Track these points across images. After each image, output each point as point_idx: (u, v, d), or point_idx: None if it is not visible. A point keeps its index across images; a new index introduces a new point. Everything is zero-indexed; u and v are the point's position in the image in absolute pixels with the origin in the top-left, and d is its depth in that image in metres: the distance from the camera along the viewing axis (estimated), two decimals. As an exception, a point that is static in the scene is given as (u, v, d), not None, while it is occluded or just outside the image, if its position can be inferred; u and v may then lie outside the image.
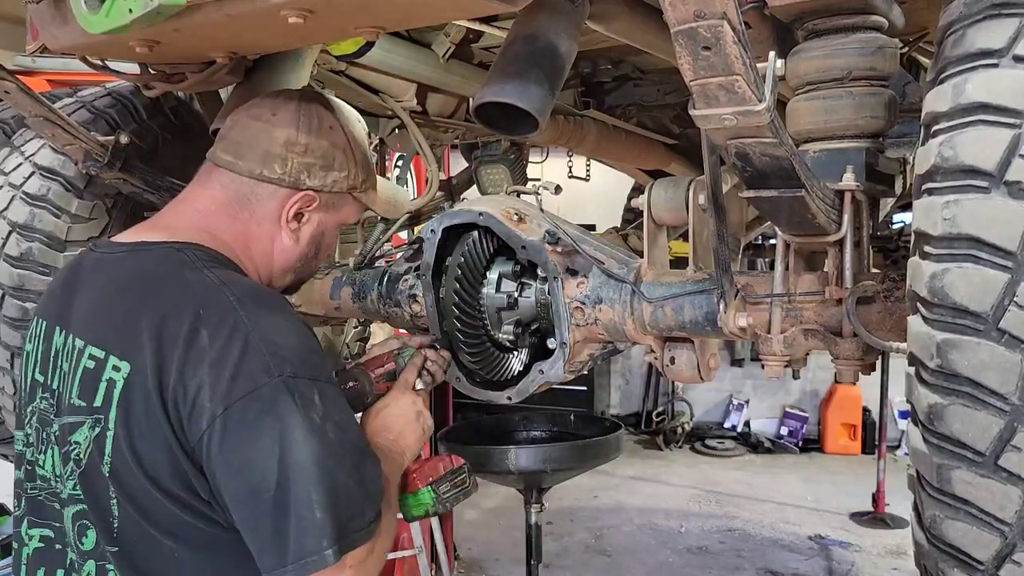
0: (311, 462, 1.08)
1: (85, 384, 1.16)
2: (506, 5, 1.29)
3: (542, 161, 3.81)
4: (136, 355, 1.12)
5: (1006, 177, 1.06)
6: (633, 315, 1.67)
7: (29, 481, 1.29)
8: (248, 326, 1.11)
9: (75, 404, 1.17)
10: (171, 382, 1.09)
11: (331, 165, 1.35)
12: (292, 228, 1.34)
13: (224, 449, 1.07)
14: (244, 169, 1.31)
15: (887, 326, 1.50)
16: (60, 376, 1.22)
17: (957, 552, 1.13)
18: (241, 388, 1.07)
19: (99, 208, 2.24)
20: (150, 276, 1.20)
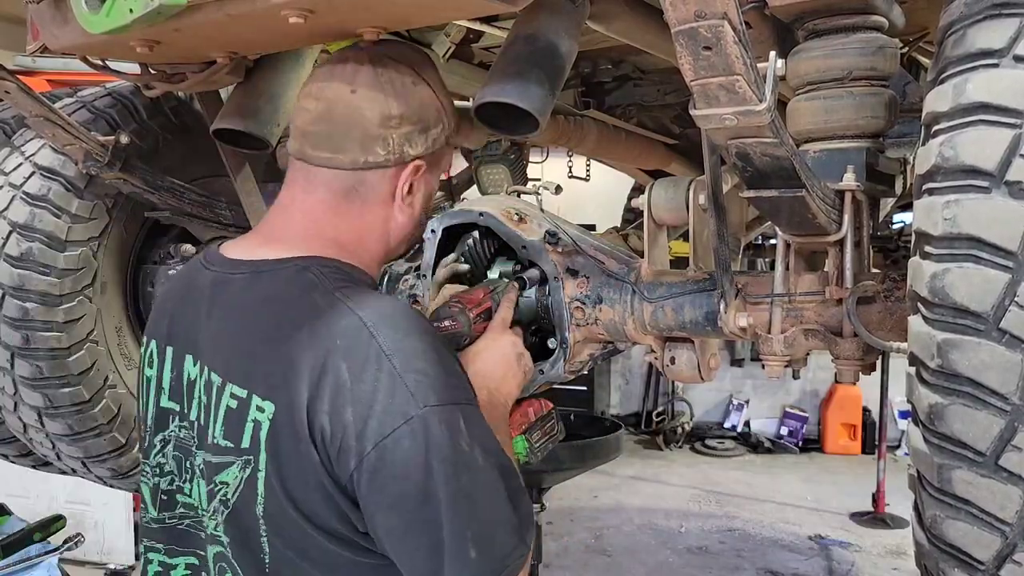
0: (464, 496, 1.04)
1: (230, 424, 1.12)
2: (506, 5, 1.28)
3: (542, 161, 3.81)
4: (279, 394, 1.07)
5: (1007, 177, 1.06)
6: (633, 315, 1.67)
7: (167, 510, 1.24)
8: (387, 356, 1.06)
9: (220, 444, 1.13)
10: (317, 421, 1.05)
11: (428, 126, 1.25)
12: (407, 203, 1.26)
13: (374, 488, 1.03)
14: (346, 162, 1.21)
15: (887, 326, 1.50)
16: (199, 407, 1.17)
17: (958, 552, 1.13)
18: (387, 425, 1.03)
19: (99, 208, 2.24)
20: (282, 304, 1.13)
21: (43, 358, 2.20)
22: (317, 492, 1.06)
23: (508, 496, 1.09)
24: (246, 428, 1.09)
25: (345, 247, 1.23)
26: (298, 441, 1.05)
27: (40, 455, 2.55)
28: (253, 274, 1.19)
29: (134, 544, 5.12)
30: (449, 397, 1.07)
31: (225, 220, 2.39)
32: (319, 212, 1.23)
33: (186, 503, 1.21)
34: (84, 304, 2.25)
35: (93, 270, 2.27)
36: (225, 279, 1.22)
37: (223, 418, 1.12)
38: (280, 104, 1.89)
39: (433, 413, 1.04)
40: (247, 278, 1.19)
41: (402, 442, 1.02)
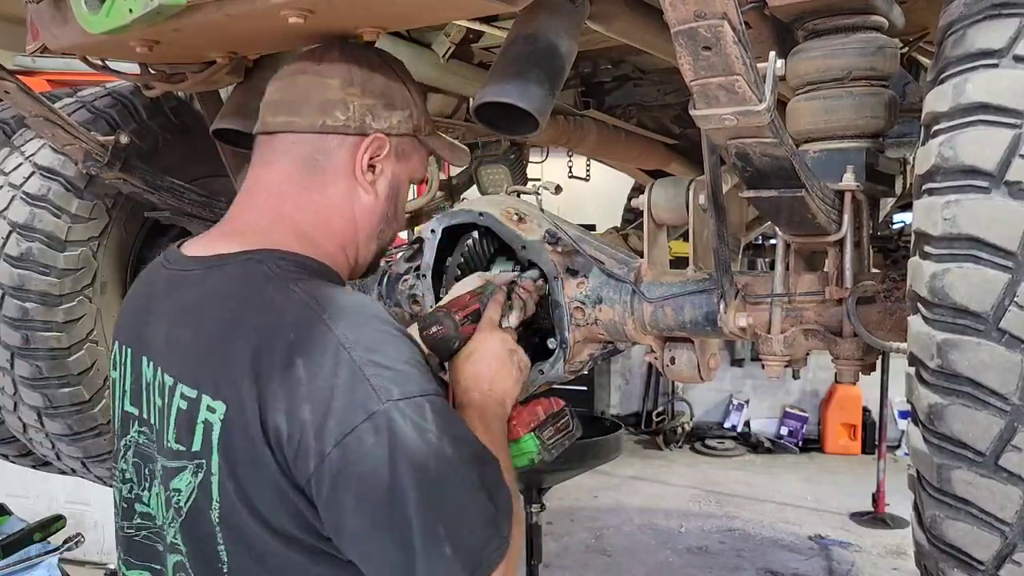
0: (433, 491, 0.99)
1: (181, 426, 1.07)
2: (506, 5, 1.29)
3: (542, 161, 3.81)
4: (231, 393, 1.02)
5: (1006, 177, 1.06)
6: (633, 315, 1.67)
7: (126, 520, 1.20)
8: (345, 349, 1.00)
9: (173, 448, 1.08)
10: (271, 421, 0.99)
11: (393, 104, 1.23)
12: (368, 180, 1.21)
13: (337, 490, 0.98)
14: (304, 124, 1.18)
15: (887, 326, 1.50)
16: (154, 411, 1.13)
17: (957, 552, 1.13)
18: (347, 422, 0.97)
19: (99, 208, 2.24)
20: (233, 299, 1.08)
21: (43, 358, 2.20)
22: (273, 495, 1.01)
23: (482, 486, 1.04)
24: (196, 430, 1.04)
25: (308, 236, 1.18)
26: (251, 442, 1.00)
27: (40, 455, 2.55)
28: (205, 270, 1.14)
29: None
30: (413, 389, 1.02)
31: (225, 220, 2.39)
32: (281, 187, 1.19)
33: (143, 512, 1.17)
34: (84, 304, 2.25)
35: (93, 270, 2.27)
36: (179, 277, 1.18)
37: (175, 420, 1.08)
38: (280, 104, 1.89)
39: (396, 407, 0.99)
40: (199, 275, 1.14)
41: (365, 439, 0.97)
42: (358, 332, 1.03)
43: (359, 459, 0.97)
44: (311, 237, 1.18)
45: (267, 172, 1.21)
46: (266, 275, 1.09)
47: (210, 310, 1.10)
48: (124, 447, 1.20)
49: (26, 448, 2.58)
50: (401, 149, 1.27)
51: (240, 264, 1.11)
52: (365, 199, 1.23)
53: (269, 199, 1.20)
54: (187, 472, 1.06)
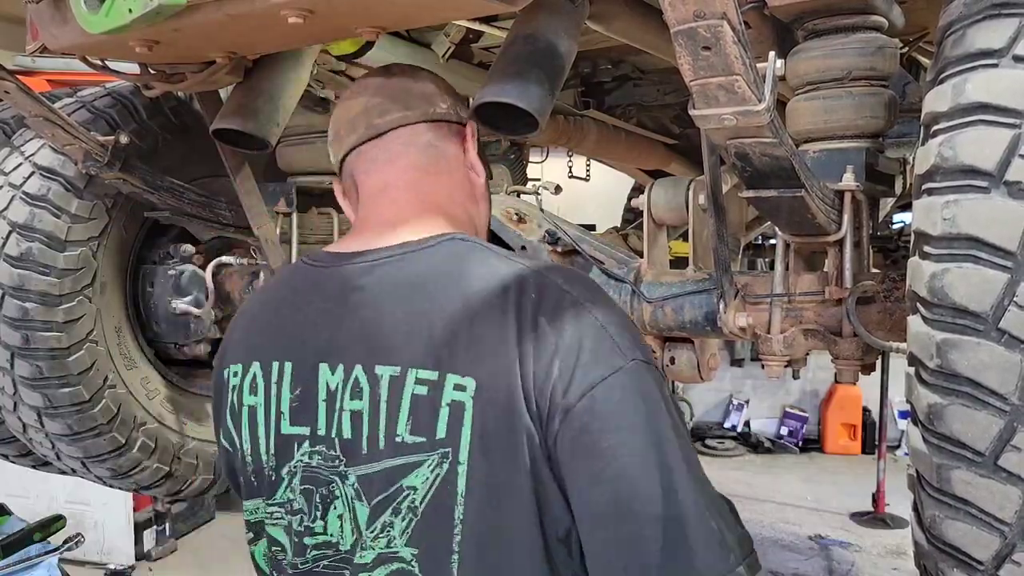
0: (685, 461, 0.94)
1: (418, 415, 0.98)
2: (506, 5, 1.28)
3: (542, 161, 3.82)
4: (476, 367, 0.96)
5: (1006, 177, 1.06)
6: (633, 315, 1.67)
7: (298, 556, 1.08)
8: (587, 309, 0.98)
9: (403, 443, 0.98)
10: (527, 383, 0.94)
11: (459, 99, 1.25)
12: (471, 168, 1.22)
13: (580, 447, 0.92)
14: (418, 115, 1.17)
15: (887, 326, 1.50)
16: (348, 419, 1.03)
17: (957, 552, 1.13)
18: (595, 375, 0.93)
19: (99, 208, 2.24)
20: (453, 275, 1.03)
21: (43, 358, 2.20)
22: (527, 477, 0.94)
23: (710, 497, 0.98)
24: (440, 415, 0.96)
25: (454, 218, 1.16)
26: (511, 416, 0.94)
27: (40, 455, 2.55)
28: (401, 255, 1.07)
29: (134, 544, 5.13)
30: (647, 356, 0.99)
31: (225, 220, 2.39)
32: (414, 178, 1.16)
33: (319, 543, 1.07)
34: (84, 304, 2.25)
35: (93, 270, 2.27)
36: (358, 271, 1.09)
37: (407, 411, 0.98)
38: (280, 104, 1.89)
39: (639, 366, 0.96)
40: (396, 260, 1.07)
41: (614, 391, 0.93)
42: (592, 295, 1.01)
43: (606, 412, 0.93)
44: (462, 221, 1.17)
45: (393, 168, 1.16)
46: (476, 250, 1.07)
47: (434, 291, 1.03)
48: (288, 475, 1.08)
49: (26, 448, 2.58)
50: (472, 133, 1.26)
51: (439, 245, 1.07)
52: (478, 180, 1.23)
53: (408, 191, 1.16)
54: (425, 466, 0.97)
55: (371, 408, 1.01)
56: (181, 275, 2.43)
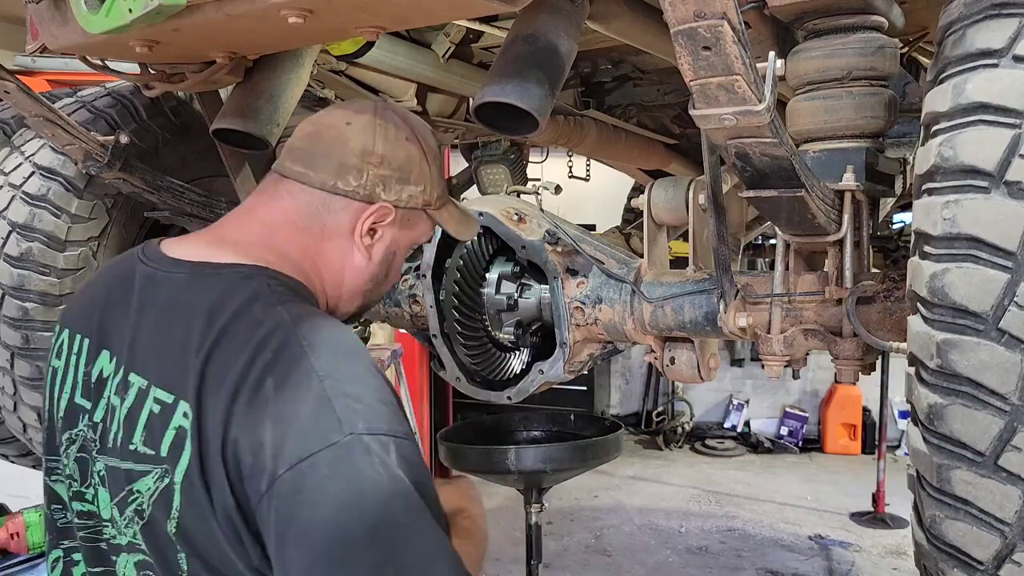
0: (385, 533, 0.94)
1: (152, 430, 1.04)
2: (506, 5, 1.29)
3: (542, 161, 3.81)
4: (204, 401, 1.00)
5: (1006, 177, 1.06)
6: (633, 315, 1.67)
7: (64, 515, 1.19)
8: (317, 376, 0.98)
9: (140, 451, 1.05)
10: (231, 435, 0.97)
11: (407, 178, 1.24)
12: (365, 244, 1.23)
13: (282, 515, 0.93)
14: (316, 181, 1.20)
15: (887, 326, 1.50)
16: (107, 409, 1.11)
17: (957, 552, 1.13)
18: (305, 448, 0.94)
19: (99, 208, 2.24)
20: (219, 311, 1.06)
21: (43, 358, 2.20)
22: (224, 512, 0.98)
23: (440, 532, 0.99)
24: (167, 435, 1.02)
25: (298, 265, 1.18)
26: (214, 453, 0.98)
27: (40, 455, 2.55)
28: (193, 275, 1.12)
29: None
30: (380, 426, 0.99)
31: (225, 220, 2.39)
32: (279, 221, 1.20)
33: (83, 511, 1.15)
34: (84, 304, 2.25)
35: (93, 270, 2.27)
36: (161, 277, 1.15)
37: (144, 423, 1.05)
38: (280, 104, 1.89)
39: (359, 441, 0.95)
40: (186, 279, 1.12)
41: (319, 468, 0.93)
42: (334, 362, 1.02)
43: (309, 487, 0.93)
44: (299, 266, 1.19)
45: (269, 205, 1.22)
46: (255, 292, 1.08)
47: (196, 318, 1.07)
48: (68, 441, 1.17)
49: (26, 448, 2.58)
50: (407, 219, 1.28)
51: (231, 276, 1.10)
52: (358, 259, 1.24)
53: (264, 227, 1.20)
54: (150, 477, 1.04)
55: (122, 408, 1.08)
56: (181, 275, 2.43)
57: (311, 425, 0.95)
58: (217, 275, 1.10)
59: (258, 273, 1.11)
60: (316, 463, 0.93)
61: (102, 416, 1.11)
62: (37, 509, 3.36)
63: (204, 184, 2.41)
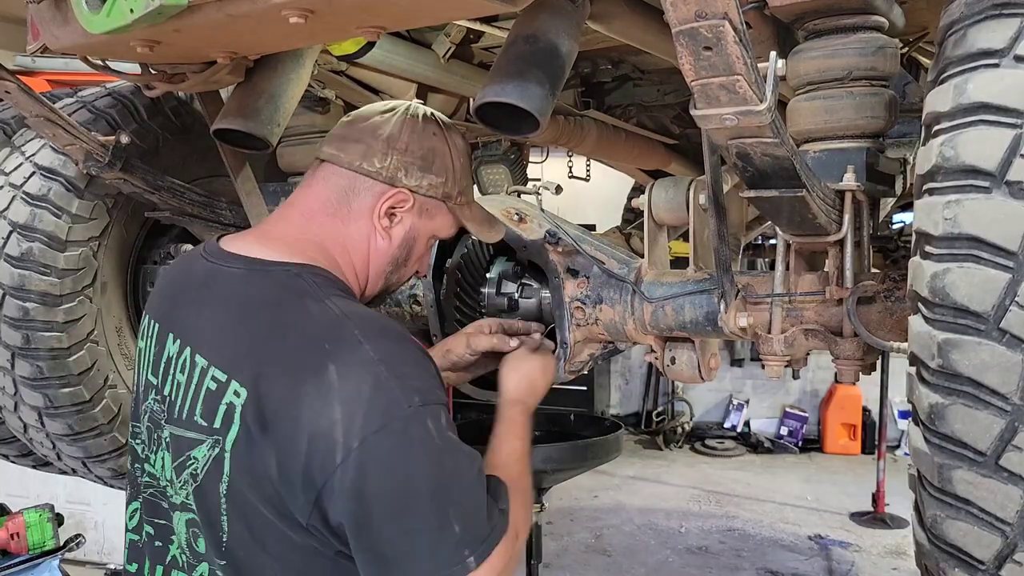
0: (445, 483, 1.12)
1: (207, 404, 1.18)
2: (506, 5, 1.29)
3: (542, 161, 3.82)
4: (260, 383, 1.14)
5: (1007, 177, 1.06)
6: (633, 315, 1.67)
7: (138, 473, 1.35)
8: (376, 360, 1.13)
9: (195, 421, 1.20)
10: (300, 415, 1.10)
11: (429, 168, 1.35)
12: (384, 226, 1.35)
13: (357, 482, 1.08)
14: (345, 161, 1.33)
15: (887, 326, 1.50)
16: (174, 385, 1.25)
17: (958, 552, 1.13)
18: (375, 422, 1.09)
19: (100, 208, 2.24)
20: (274, 305, 1.21)
21: (43, 358, 2.20)
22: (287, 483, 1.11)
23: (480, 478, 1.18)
24: (220, 409, 1.16)
25: (331, 256, 1.31)
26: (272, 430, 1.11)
27: (40, 455, 2.55)
28: (248, 271, 1.26)
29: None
30: (432, 398, 1.15)
31: (225, 220, 2.39)
32: (314, 208, 1.33)
33: (150, 472, 1.30)
34: (84, 304, 2.25)
35: (93, 270, 2.27)
36: (219, 271, 1.29)
37: (202, 398, 1.19)
38: (280, 104, 1.89)
39: (419, 412, 1.12)
40: (242, 274, 1.26)
41: (390, 437, 1.09)
42: (385, 347, 1.16)
43: (381, 456, 1.09)
44: (333, 258, 1.32)
45: (306, 193, 1.36)
46: (303, 288, 1.22)
47: (253, 309, 1.22)
48: (143, 411, 1.33)
49: (26, 448, 2.58)
50: (426, 207, 1.38)
51: (280, 275, 1.24)
52: (380, 242, 1.36)
53: (302, 217, 1.34)
54: (204, 446, 1.18)
55: (186, 384, 1.22)
56: (181, 275, 2.43)
57: (376, 403, 1.10)
58: (267, 272, 1.25)
59: (303, 271, 1.25)
60: (385, 434, 1.09)
61: (170, 390, 1.25)
62: (37, 509, 3.37)
63: (204, 184, 2.41)
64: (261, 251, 1.28)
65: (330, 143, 1.37)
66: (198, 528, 1.21)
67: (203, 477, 1.18)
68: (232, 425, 1.14)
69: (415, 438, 1.11)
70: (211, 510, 1.18)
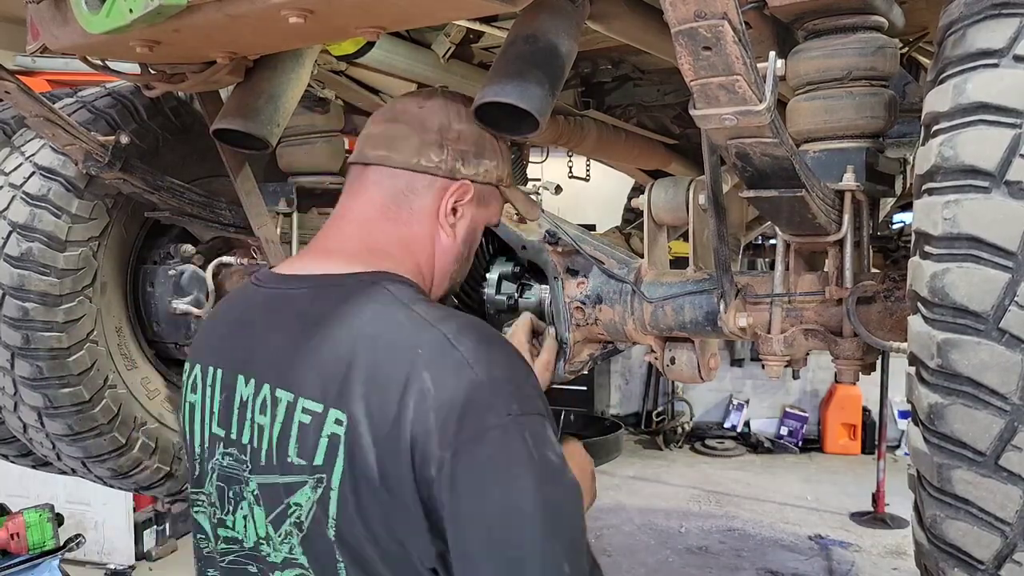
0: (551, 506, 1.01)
1: (304, 440, 1.07)
2: (506, 5, 1.29)
3: (542, 161, 3.81)
4: (356, 406, 1.03)
5: (1006, 177, 1.06)
6: (633, 315, 1.67)
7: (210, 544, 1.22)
8: (470, 365, 1.03)
9: (294, 462, 1.08)
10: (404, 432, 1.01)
11: (483, 153, 1.29)
12: (450, 223, 1.26)
13: (454, 495, 0.99)
14: (399, 161, 1.23)
15: (887, 326, 1.50)
16: (254, 431, 1.13)
17: (957, 552, 1.13)
18: (470, 431, 0.99)
19: (99, 208, 2.24)
20: (354, 317, 1.10)
21: (43, 358, 2.20)
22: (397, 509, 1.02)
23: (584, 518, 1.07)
24: (321, 443, 1.05)
25: (400, 261, 1.21)
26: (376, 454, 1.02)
27: (40, 455, 2.55)
28: (318, 288, 1.16)
29: (134, 544, 5.13)
30: (531, 407, 1.05)
31: (225, 220, 2.39)
32: (370, 215, 1.23)
33: (228, 537, 1.18)
34: (84, 304, 2.25)
35: (93, 270, 2.27)
36: (283, 295, 1.19)
37: (296, 435, 1.08)
38: (280, 104, 1.89)
39: (516, 422, 1.01)
40: (311, 292, 1.16)
41: (485, 448, 0.99)
42: (481, 351, 1.06)
43: (476, 466, 0.99)
44: (403, 262, 1.22)
45: (357, 201, 1.25)
46: (386, 296, 1.12)
47: (330, 326, 1.10)
48: (211, 470, 1.20)
49: (26, 448, 2.58)
50: (483, 195, 1.31)
51: (354, 286, 1.14)
52: (445, 240, 1.27)
53: (360, 228, 1.23)
54: (307, 487, 1.07)
55: (270, 425, 1.11)
56: (181, 275, 2.43)
57: (472, 410, 1.00)
58: (340, 286, 1.14)
59: (380, 278, 1.15)
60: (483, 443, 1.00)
61: (250, 438, 1.13)
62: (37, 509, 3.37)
63: (204, 184, 2.41)
64: (325, 267, 1.18)
65: (374, 145, 1.25)
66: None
67: (308, 524, 1.07)
68: (337, 458, 1.03)
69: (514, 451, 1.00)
70: (323, 558, 1.06)
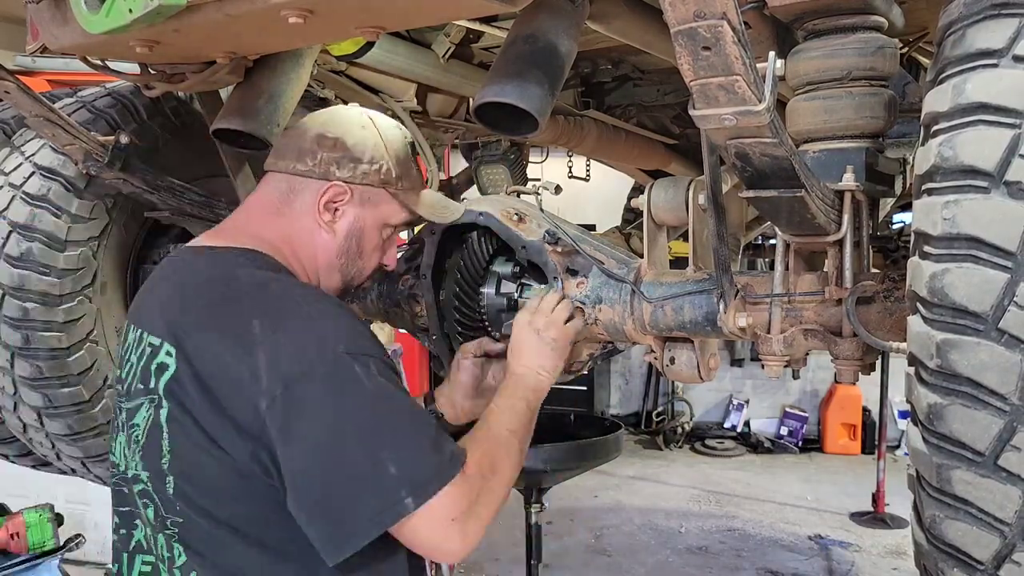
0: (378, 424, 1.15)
1: (144, 369, 1.25)
2: (506, 5, 1.29)
3: (542, 161, 3.82)
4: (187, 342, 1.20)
5: (1006, 177, 1.06)
6: (633, 315, 1.67)
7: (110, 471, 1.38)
8: (297, 312, 1.20)
9: (137, 388, 1.27)
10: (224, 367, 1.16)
11: (360, 158, 1.41)
12: (326, 220, 1.40)
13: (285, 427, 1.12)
14: (282, 166, 1.42)
15: (887, 326, 1.50)
16: (127, 367, 1.32)
17: (957, 552, 1.13)
18: (298, 366, 1.14)
19: (99, 208, 2.24)
20: (207, 275, 1.30)
21: (43, 358, 2.20)
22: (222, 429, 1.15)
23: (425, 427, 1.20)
24: (152, 370, 1.23)
25: (278, 248, 1.38)
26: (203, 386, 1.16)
27: (40, 455, 2.55)
28: (195, 256, 1.37)
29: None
30: (359, 348, 1.19)
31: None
32: (258, 209, 1.42)
33: (114, 463, 1.35)
34: (84, 304, 2.25)
35: (93, 270, 2.27)
36: (178, 262, 1.40)
37: (141, 365, 1.27)
38: (280, 104, 1.89)
39: (342, 358, 1.16)
40: (190, 258, 1.38)
41: (314, 383, 1.14)
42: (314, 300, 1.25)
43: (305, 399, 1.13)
44: (278, 248, 1.38)
45: (253, 198, 1.46)
46: (239, 262, 1.31)
47: (191, 283, 1.31)
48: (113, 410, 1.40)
49: (26, 448, 2.58)
50: (367, 197, 1.43)
51: (224, 253, 1.34)
52: (324, 236, 1.42)
53: (247, 215, 1.43)
54: (143, 408, 1.25)
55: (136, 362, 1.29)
56: (181, 275, 2.43)
57: (299, 351, 1.15)
58: (213, 254, 1.35)
59: (244, 252, 1.34)
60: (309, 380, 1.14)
61: (124, 375, 1.33)
62: (37, 509, 3.37)
63: (204, 184, 2.41)
64: (212, 241, 1.38)
65: (272, 153, 1.46)
66: (148, 498, 1.25)
67: (144, 439, 1.23)
68: (162, 380, 1.20)
69: (342, 381, 1.14)
70: (157, 470, 1.22)
